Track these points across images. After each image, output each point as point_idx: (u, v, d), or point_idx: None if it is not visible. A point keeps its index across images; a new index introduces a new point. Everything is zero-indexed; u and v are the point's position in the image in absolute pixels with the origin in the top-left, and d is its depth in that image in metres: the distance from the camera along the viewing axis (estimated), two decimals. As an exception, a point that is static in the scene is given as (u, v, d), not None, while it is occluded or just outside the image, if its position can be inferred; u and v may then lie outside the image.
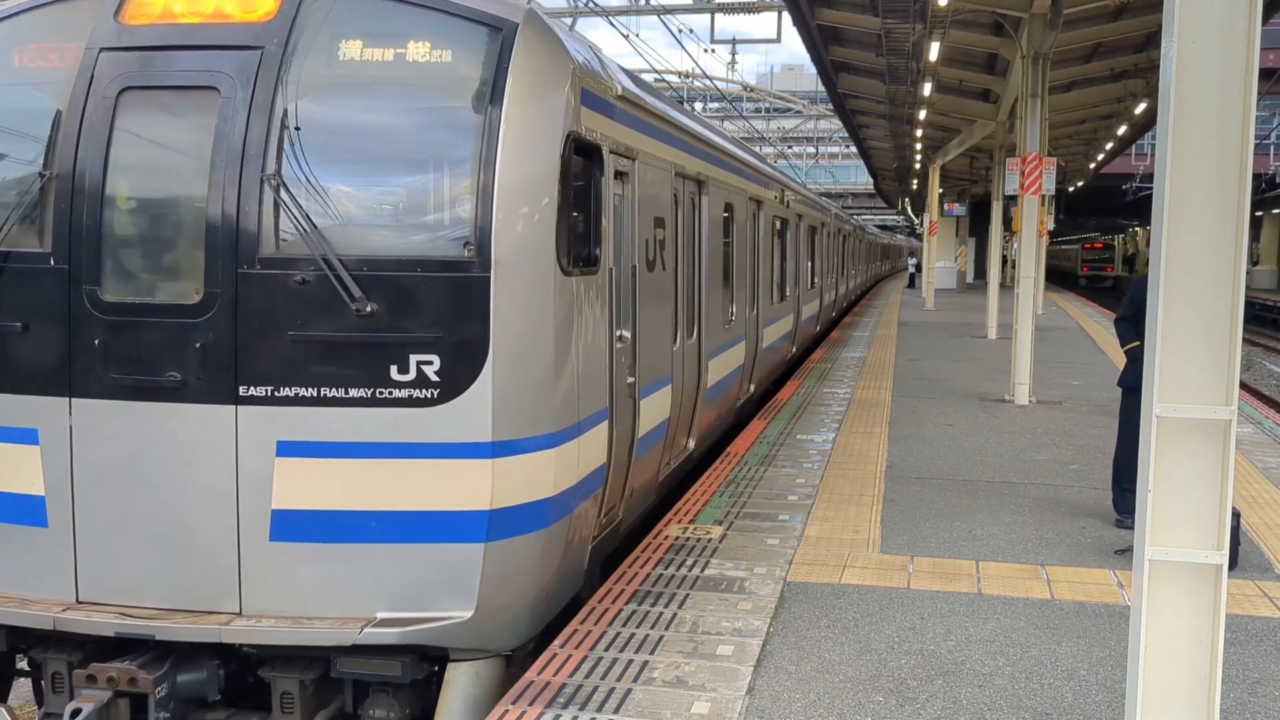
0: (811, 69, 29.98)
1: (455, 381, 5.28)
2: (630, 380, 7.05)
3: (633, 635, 5.73)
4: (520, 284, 5.35)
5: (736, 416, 12.38)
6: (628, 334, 6.98)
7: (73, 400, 5.47)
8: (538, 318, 5.45)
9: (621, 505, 7.12)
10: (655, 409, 7.77)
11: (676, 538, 7.52)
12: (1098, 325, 26.49)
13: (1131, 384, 7.77)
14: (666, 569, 6.83)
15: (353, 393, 5.31)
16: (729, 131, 25.88)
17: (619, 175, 6.81)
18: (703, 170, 9.60)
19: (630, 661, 5.39)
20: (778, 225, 15.20)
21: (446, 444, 5.32)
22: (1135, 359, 7.87)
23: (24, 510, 5.59)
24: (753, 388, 13.32)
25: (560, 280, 5.54)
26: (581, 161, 5.96)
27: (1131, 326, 7.98)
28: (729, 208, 11.05)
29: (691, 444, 9.56)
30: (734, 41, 31.20)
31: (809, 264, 19.65)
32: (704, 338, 9.70)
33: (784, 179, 17.08)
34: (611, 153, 6.50)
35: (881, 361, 18.48)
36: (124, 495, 5.46)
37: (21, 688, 6.71)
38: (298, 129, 5.45)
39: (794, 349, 17.90)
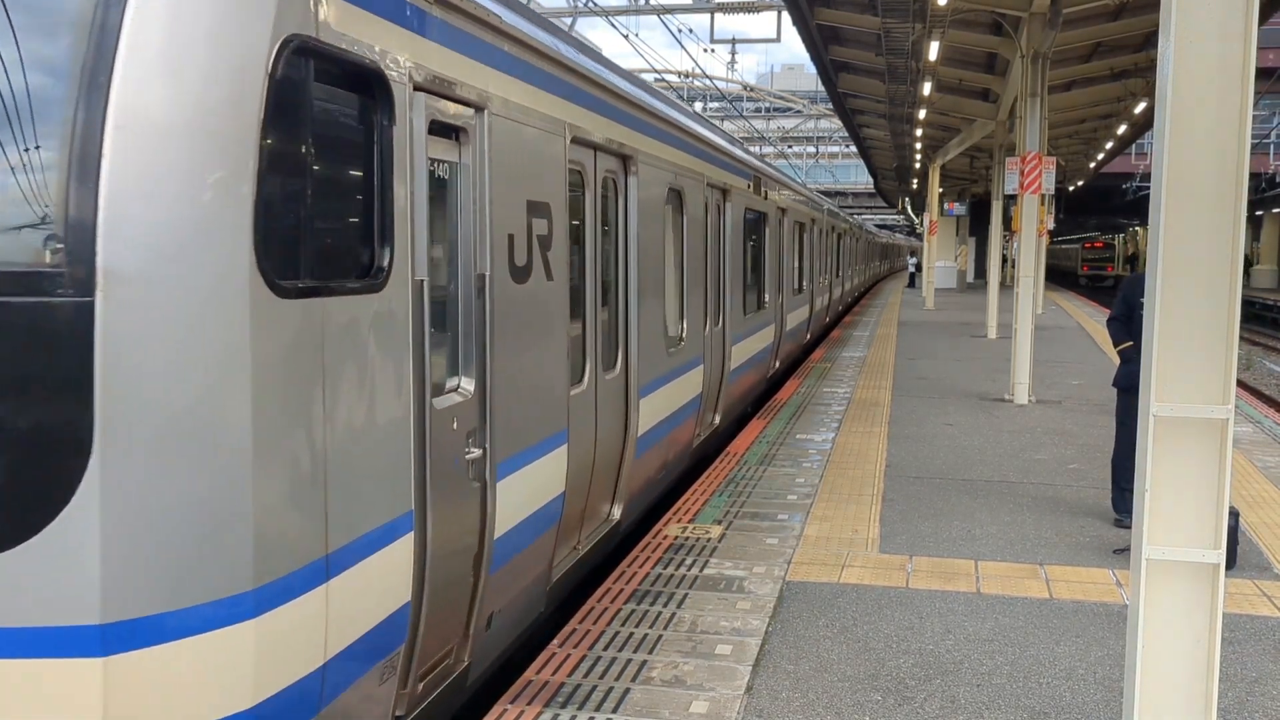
0: (811, 69, 30.00)
1: (27, 506, 2.95)
2: (474, 454, 4.70)
3: (631, 634, 5.73)
4: (169, 314, 3.03)
5: (696, 456, 10.33)
6: (470, 384, 4.70)
7: None
8: (209, 375, 3.09)
9: (468, 646, 4.90)
10: (534, 486, 5.43)
11: (676, 537, 7.52)
12: (1097, 325, 26.47)
13: (1126, 384, 7.78)
14: (665, 568, 6.83)
15: None
16: (730, 131, 25.72)
17: (446, 131, 4.49)
18: (627, 140, 7.09)
19: (629, 661, 5.40)
20: (753, 221, 13.26)
21: (9, 630, 2.97)
22: (1128, 359, 7.87)
23: None
24: (718, 419, 11.12)
25: (267, 306, 3.18)
26: (342, 96, 3.70)
27: (1124, 326, 7.98)
28: (676, 195, 8.75)
29: (617, 512, 7.35)
30: (734, 41, 31.27)
31: (795, 266, 17.79)
32: (634, 368, 7.41)
33: (762, 166, 14.70)
34: (421, 90, 4.10)
35: (881, 361, 18.47)
36: None
37: None
38: None
39: (777, 363, 15.91)
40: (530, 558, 5.53)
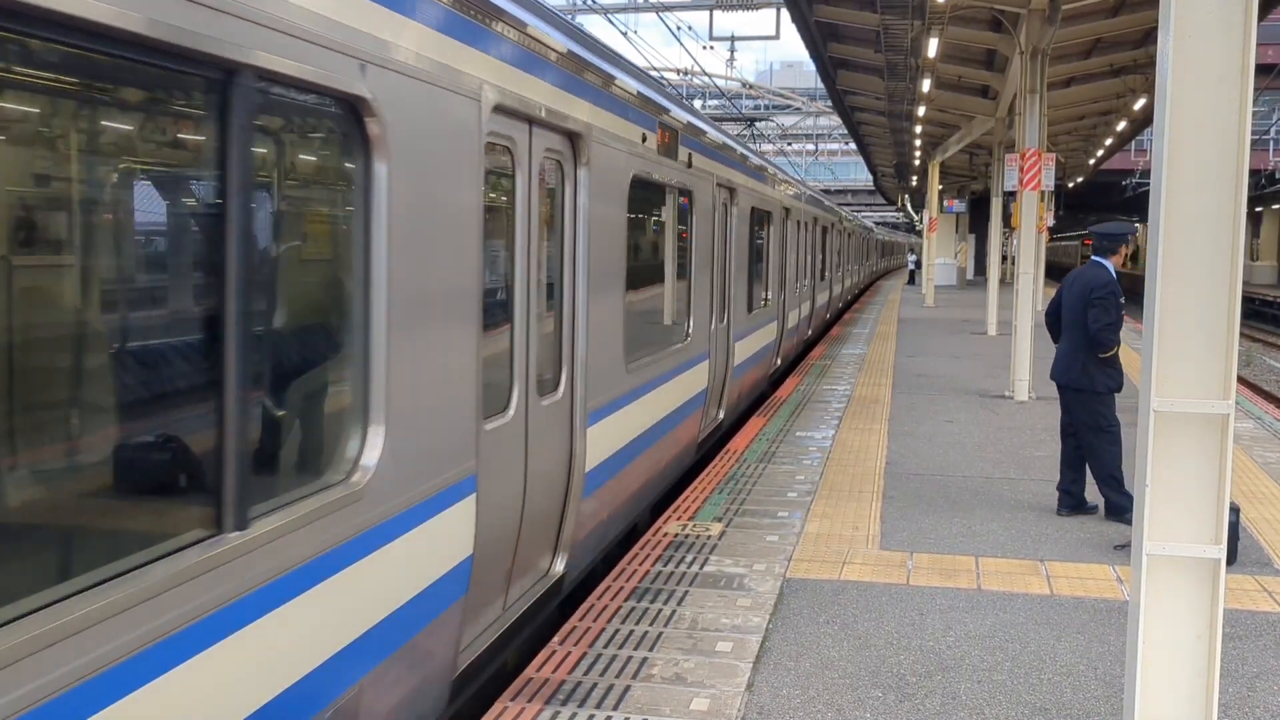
0: (810, 66, 29.98)
1: None
2: None
3: (632, 632, 5.73)
4: None
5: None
6: None
7: None
8: None
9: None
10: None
11: (676, 535, 7.52)
12: (1097, 321, 26.44)
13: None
14: (665, 566, 6.83)
15: None
16: (729, 129, 25.36)
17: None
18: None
19: (629, 658, 5.39)
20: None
21: None
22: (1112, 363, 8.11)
23: None
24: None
25: None
26: None
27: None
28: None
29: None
30: (733, 39, 31.35)
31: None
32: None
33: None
34: None
35: (881, 358, 18.47)
36: None
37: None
38: None
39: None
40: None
